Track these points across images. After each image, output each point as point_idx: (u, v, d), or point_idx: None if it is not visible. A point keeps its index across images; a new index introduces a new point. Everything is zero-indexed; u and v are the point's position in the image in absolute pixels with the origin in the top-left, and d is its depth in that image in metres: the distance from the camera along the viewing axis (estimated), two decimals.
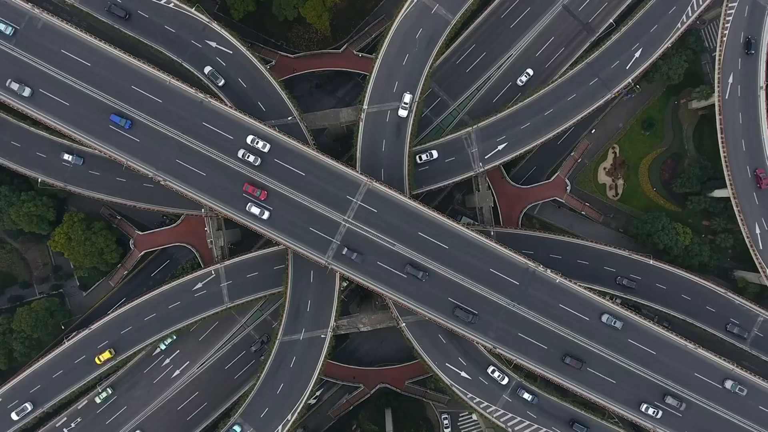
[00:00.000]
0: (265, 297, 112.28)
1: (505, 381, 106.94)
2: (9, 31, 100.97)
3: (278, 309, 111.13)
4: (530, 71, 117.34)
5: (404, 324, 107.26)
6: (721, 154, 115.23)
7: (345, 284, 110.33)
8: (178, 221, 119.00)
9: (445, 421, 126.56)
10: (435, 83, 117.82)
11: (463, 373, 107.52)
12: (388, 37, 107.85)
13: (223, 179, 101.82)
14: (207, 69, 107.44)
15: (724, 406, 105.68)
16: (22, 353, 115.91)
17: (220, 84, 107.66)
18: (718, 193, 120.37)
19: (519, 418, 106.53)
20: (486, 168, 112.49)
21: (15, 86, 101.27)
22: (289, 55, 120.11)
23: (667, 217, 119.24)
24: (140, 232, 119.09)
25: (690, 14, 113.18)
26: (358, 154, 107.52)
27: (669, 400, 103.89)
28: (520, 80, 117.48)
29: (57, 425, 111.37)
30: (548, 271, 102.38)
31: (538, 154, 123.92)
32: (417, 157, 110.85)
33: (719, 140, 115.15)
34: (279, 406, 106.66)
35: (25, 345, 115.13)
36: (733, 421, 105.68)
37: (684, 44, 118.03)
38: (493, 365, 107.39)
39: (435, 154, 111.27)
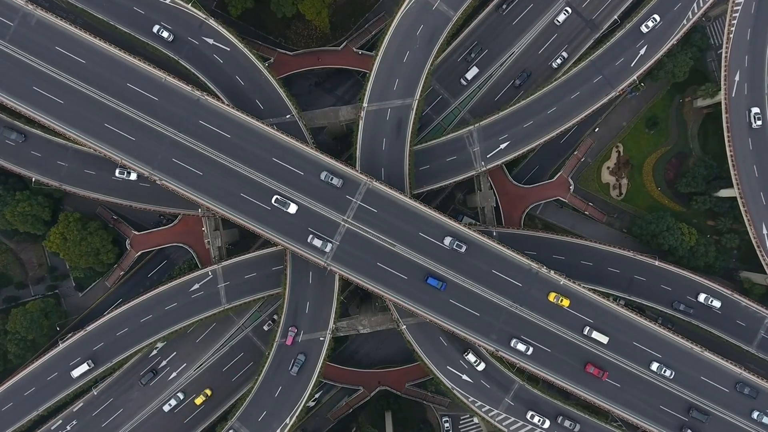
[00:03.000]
0: (264, 298, 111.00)
1: None
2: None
3: (277, 310, 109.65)
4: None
5: (405, 326, 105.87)
6: (728, 153, 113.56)
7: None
8: (176, 221, 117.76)
9: (446, 424, 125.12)
10: (436, 81, 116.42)
11: (464, 376, 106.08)
12: (388, 34, 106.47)
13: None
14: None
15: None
16: (16, 355, 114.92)
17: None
18: (723, 193, 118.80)
19: (521, 422, 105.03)
20: (488, 167, 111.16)
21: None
22: (287, 52, 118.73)
23: (671, 217, 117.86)
24: (137, 232, 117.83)
25: (695, 11, 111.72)
26: (358, 153, 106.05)
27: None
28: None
29: (52, 428, 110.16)
30: (552, 272, 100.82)
31: (541, 153, 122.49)
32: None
33: (725, 139, 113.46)
34: (277, 409, 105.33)
35: (20, 347, 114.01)
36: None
37: (689, 41, 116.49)
38: None
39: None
